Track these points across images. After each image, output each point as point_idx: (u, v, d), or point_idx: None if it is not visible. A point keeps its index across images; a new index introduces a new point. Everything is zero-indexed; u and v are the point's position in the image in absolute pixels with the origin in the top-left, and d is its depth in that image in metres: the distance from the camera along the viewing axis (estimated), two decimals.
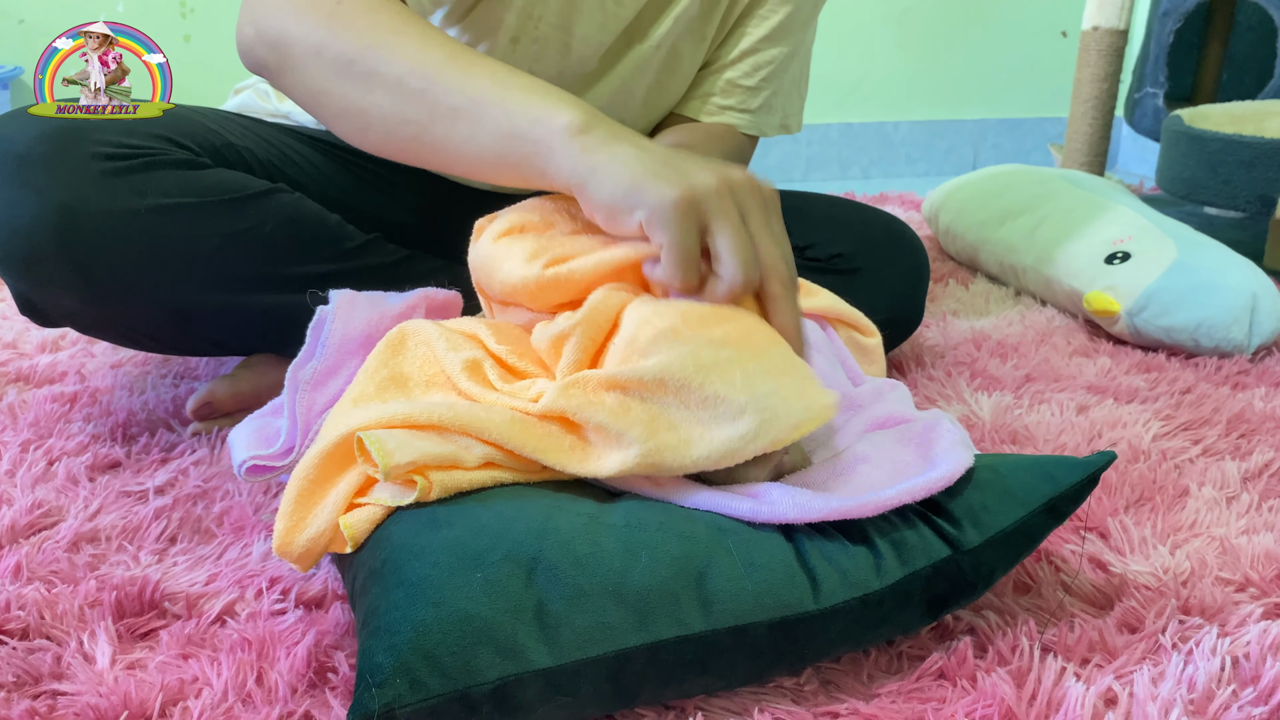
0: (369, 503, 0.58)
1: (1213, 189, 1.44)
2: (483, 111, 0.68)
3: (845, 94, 2.46)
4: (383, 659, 0.49)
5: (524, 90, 0.68)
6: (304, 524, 0.57)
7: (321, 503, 0.58)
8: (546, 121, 0.65)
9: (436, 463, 0.57)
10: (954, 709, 0.56)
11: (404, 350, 0.65)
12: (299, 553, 0.58)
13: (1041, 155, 2.53)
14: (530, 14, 0.90)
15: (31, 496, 0.79)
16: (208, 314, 0.85)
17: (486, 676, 0.49)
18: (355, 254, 0.91)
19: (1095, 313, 1.18)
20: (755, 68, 1.01)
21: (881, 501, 0.57)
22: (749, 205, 0.63)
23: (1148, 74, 1.99)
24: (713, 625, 0.52)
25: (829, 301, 0.88)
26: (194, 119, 0.89)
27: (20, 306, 0.84)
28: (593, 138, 0.64)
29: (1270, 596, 0.67)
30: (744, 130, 1.04)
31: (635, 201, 0.61)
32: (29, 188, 0.77)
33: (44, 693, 0.58)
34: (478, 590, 0.51)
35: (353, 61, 0.72)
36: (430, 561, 0.53)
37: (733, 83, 1.02)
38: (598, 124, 0.65)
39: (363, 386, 0.62)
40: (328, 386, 0.68)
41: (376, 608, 0.52)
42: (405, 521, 0.56)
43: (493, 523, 0.55)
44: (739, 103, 1.03)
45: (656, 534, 0.55)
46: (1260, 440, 0.90)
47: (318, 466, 0.58)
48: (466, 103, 0.68)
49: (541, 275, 0.64)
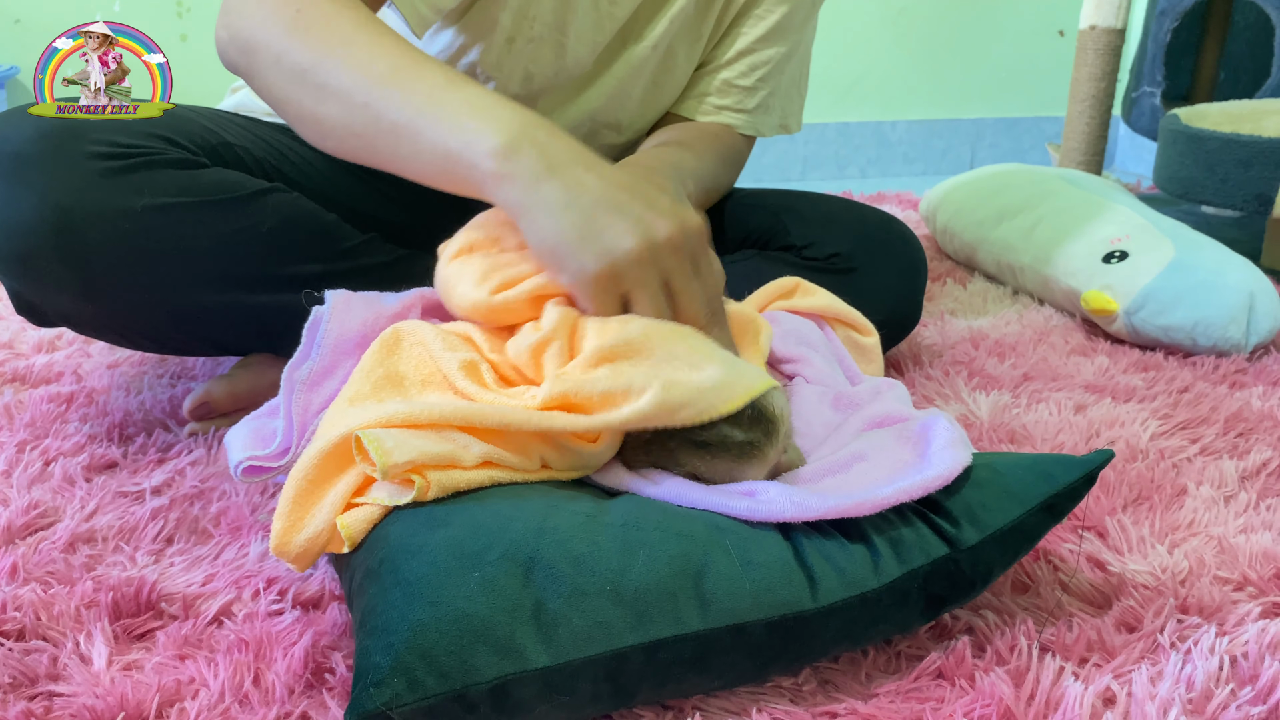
0: (366, 502, 0.58)
1: (1210, 188, 1.44)
2: (419, 131, 0.67)
3: (843, 93, 2.46)
4: (380, 659, 0.49)
5: (456, 107, 0.66)
6: (301, 524, 0.57)
7: (319, 503, 0.58)
8: (475, 145, 0.64)
9: (434, 462, 0.57)
10: (952, 709, 0.56)
11: (399, 350, 0.65)
12: (296, 553, 0.57)
13: (1039, 154, 2.53)
14: (525, 14, 0.90)
15: (28, 497, 0.79)
16: (204, 313, 0.85)
17: (484, 676, 0.49)
18: (352, 253, 0.91)
19: (1093, 312, 1.18)
20: (752, 68, 1.01)
21: (879, 500, 0.56)
22: (670, 266, 0.62)
23: (1145, 73, 1.99)
24: (710, 624, 0.52)
25: (827, 301, 0.89)
26: (191, 118, 0.88)
27: (16, 306, 0.84)
28: (520, 167, 0.63)
29: (1268, 595, 0.67)
30: (741, 130, 1.04)
31: (559, 267, 0.62)
32: (26, 186, 0.77)
33: (40, 694, 0.58)
34: (475, 589, 0.51)
35: (305, 72, 0.72)
36: (427, 561, 0.52)
37: (729, 82, 1.02)
38: (524, 147, 0.64)
39: (358, 386, 0.62)
40: (324, 386, 0.68)
41: (374, 607, 0.52)
42: (402, 521, 0.56)
43: (490, 522, 0.55)
44: (735, 103, 1.03)
45: (654, 533, 0.55)
46: (1258, 439, 0.90)
47: (315, 467, 0.58)
48: (405, 120, 0.68)
49: (491, 301, 0.65)
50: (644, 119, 1.03)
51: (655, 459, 0.62)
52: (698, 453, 0.61)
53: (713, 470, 0.61)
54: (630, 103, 1.00)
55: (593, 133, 1.01)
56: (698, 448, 0.61)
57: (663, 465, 0.62)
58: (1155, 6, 1.99)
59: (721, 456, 0.61)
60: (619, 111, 1.00)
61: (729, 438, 0.60)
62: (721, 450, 0.60)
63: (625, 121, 1.02)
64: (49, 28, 0.95)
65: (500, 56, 0.92)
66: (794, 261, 1.01)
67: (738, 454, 0.61)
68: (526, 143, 0.64)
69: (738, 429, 0.60)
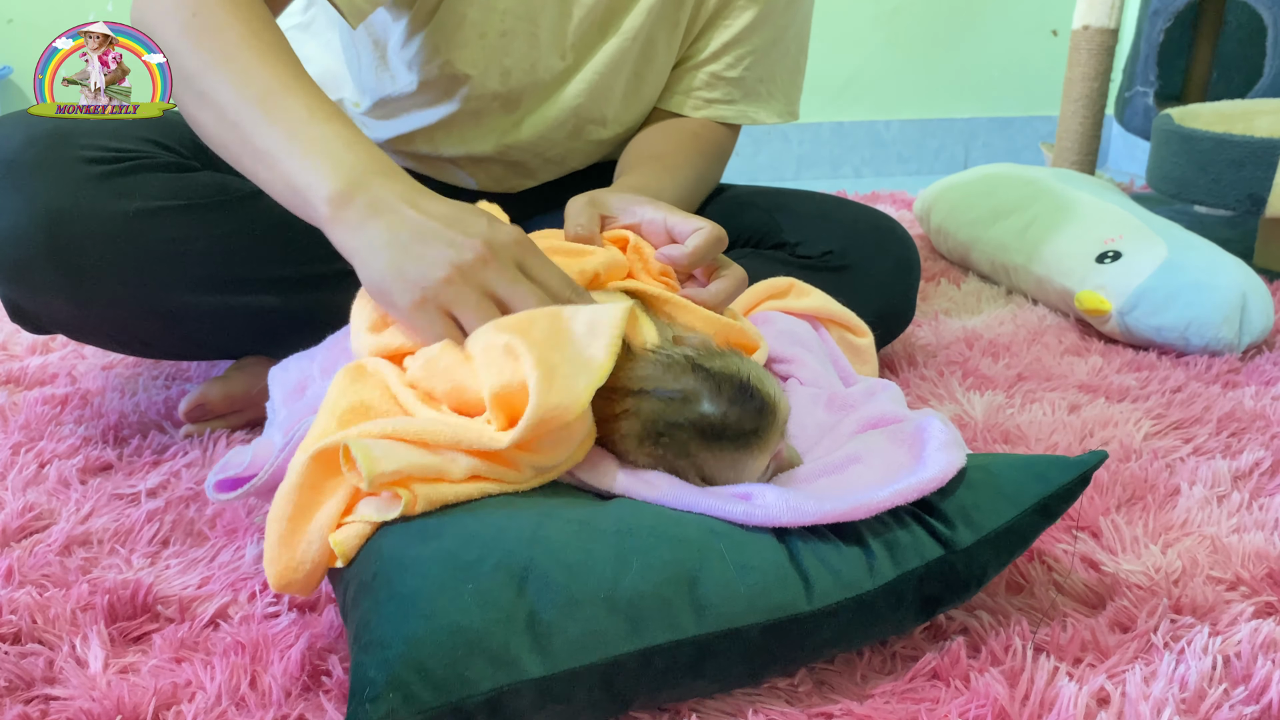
0: (355, 520, 0.57)
1: (1202, 188, 1.45)
2: (275, 162, 0.70)
3: (836, 93, 2.46)
4: (375, 673, 0.49)
5: (308, 145, 0.68)
6: (295, 552, 0.56)
7: (308, 530, 0.57)
8: (315, 188, 0.67)
9: (421, 473, 0.56)
10: (947, 709, 0.56)
11: (365, 378, 0.63)
12: (300, 583, 0.57)
13: (1032, 154, 2.54)
14: (492, 7, 0.90)
15: (22, 499, 0.79)
16: (198, 316, 0.85)
17: (480, 688, 0.49)
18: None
19: (1086, 312, 1.18)
20: (738, 59, 1.01)
21: (875, 504, 0.57)
22: (488, 279, 0.64)
23: (1138, 73, 2.00)
24: (706, 629, 0.52)
25: (821, 302, 0.89)
26: (182, 122, 0.89)
27: (10, 314, 0.84)
28: (351, 212, 0.66)
29: (1261, 595, 0.67)
30: (732, 121, 1.04)
31: (388, 304, 0.65)
32: (17, 192, 0.77)
33: (36, 697, 0.58)
34: (469, 601, 0.51)
35: (190, 77, 0.73)
36: (420, 574, 0.52)
37: (717, 75, 1.02)
38: (355, 193, 0.66)
39: (325, 423, 0.60)
40: None
41: (368, 621, 0.52)
42: (395, 534, 0.55)
43: (483, 532, 0.54)
44: (724, 95, 1.02)
45: (648, 539, 0.55)
46: (1250, 439, 0.91)
47: (295, 495, 0.56)
48: (264, 148, 0.70)
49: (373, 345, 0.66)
50: (630, 113, 1.03)
51: (665, 450, 0.62)
52: (702, 441, 0.61)
53: (718, 459, 0.61)
54: (614, 96, 1.00)
55: (578, 129, 1.01)
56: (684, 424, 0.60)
57: (673, 457, 0.62)
58: (1148, 6, 1.99)
59: (715, 443, 0.60)
60: (603, 106, 1.00)
61: (724, 415, 0.60)
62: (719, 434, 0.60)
63: (610, 116, 1.02)
64: (42, 28, 0.95)
65: (474, 54, 0.93)
66: (788, 260, 1.01)
67: (739, 440, 0.60)
68: (358, 188, 0.67)
69: (730, 405, 0.60)
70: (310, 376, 0.74)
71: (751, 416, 0.61)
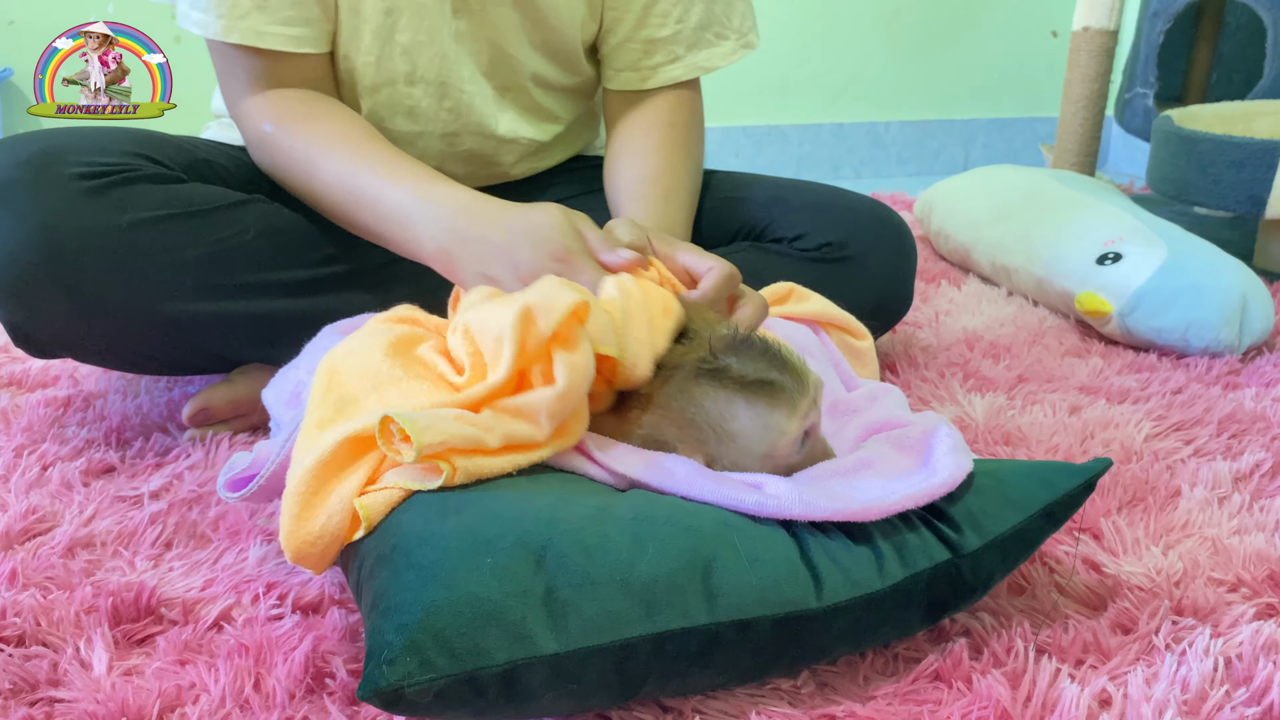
0: (387, 486, 0.57)
1: (1202, 189, 1.45)
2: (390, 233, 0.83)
3: (836, 94, 2.46)
4: (393, 637, 0.49)
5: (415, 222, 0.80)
6: (316, 522, 0.57)
7: (329, 499, 0.57)
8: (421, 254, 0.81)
9: (462, 444, 0.57)
10: (950, 711, 0.56)
11: (337, 375, 0.63)
12: (317, 553, 0.57)
13: (1032, 155, 2.54)
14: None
15: (26, 502, 0.79)
16: (197, 325, 0.85)
17: (495, 659, 0.49)
18: (339, 258, 0.92)
19: (1087, 313, 1.18)
20: (663, 15, 0.99)
21: (886, 506, 0.57)
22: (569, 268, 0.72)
23: (1138, 74, 2.00)
24: (717, 618, 0.53)
25: (821, 306, 0.89)
26: (164, 137, 0.90)
27: (14, 338, 0.84)
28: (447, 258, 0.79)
29: (1262, 597, 0.67)
30: (683, 78, 1.01)
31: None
32: (10, 212, 0.78)
33: (41, 700, 0.58)
34: (488, 574, 0.51)
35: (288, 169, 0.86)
36: (441, 547, 0.53)
37: (651, 40, 0.99)
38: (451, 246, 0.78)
39: (321, 413, 0.60)
40: None
41: (386, 589, 0.52)
42: (414, 509, 0.56)
43: (502, 512, 0.55)
44: (667, 56, 1.00)
45: (664, 527, 0.55)
46: (1251, 440, 0.91)
47: (318, 471, 0.57)
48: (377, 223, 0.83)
49: None
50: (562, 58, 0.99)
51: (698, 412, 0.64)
52: (741, 396, 0.63)
53: (753, 420, 0.62)
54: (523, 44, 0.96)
55: (519, 87, 0.99)
56: (713, 377, 0.63)
57: (704, 425, 0.63)
58: (1148, 8, 1.99)
59: (743, 394, 0.62)
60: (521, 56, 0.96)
61: (744, 371, 0.62)
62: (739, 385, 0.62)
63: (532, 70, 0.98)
64: (43, 30, 0.94)
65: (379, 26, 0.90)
66: (787, 252, 1.01)
67: (757, 392, 0.62)
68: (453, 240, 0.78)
69: (769, 366, 0.63)
70: (301, 382, 0.74)
71: (789, 377, 0.63)
